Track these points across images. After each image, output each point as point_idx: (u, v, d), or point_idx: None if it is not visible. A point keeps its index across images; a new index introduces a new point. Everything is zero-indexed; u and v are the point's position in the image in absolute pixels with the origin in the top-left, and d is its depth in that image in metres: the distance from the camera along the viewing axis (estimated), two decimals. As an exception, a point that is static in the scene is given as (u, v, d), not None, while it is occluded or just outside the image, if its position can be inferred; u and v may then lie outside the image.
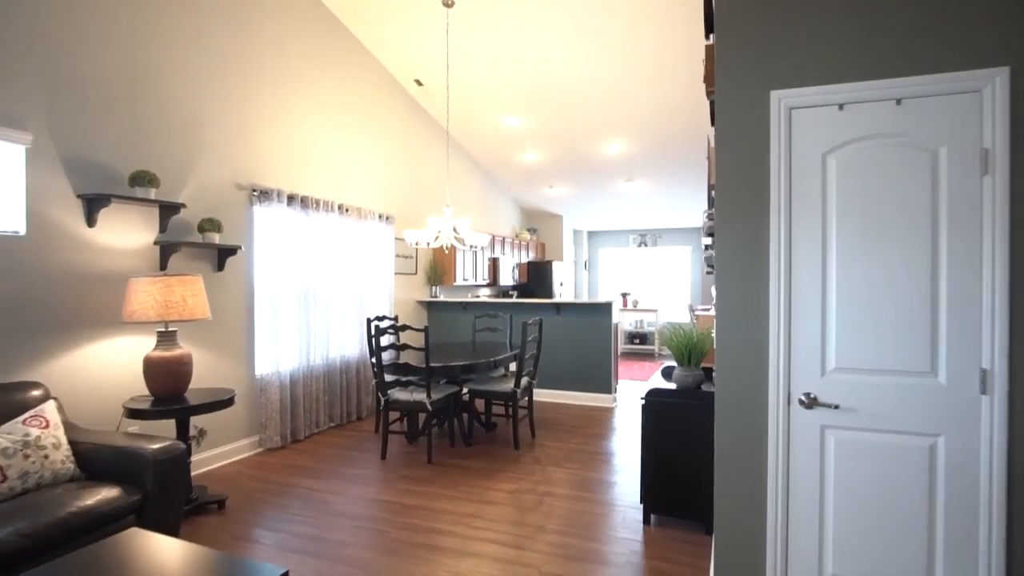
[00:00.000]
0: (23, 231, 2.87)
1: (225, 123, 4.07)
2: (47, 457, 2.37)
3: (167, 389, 3.14)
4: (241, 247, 4.09)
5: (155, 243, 3.52)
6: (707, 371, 3.11)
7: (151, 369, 3.12)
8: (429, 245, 4.97)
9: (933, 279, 1.81)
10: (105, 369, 3.26)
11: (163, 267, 3.55)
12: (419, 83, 6.21)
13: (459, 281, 7.44)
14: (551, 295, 9.51)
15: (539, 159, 7.93)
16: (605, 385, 5.95)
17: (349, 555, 2.72)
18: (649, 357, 10.03)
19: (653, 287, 11.54)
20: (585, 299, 8.58)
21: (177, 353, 3.17)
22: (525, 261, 9.85)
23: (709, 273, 3.16)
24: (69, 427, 2.66)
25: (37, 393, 2.64)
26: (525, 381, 4.49)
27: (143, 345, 3.42)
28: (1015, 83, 1.72)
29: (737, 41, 2.01)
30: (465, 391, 4.78)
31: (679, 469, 2.95)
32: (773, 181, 1.96)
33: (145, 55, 3.49)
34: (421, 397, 4.09)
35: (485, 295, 8.61)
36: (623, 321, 10.70)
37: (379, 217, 5.71)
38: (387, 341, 5.28)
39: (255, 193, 4.25)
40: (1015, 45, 1.72)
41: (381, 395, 4.19)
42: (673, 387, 3.02)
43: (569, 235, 11.28)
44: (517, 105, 6.37)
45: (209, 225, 3.75)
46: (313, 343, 4.77)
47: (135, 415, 2.99)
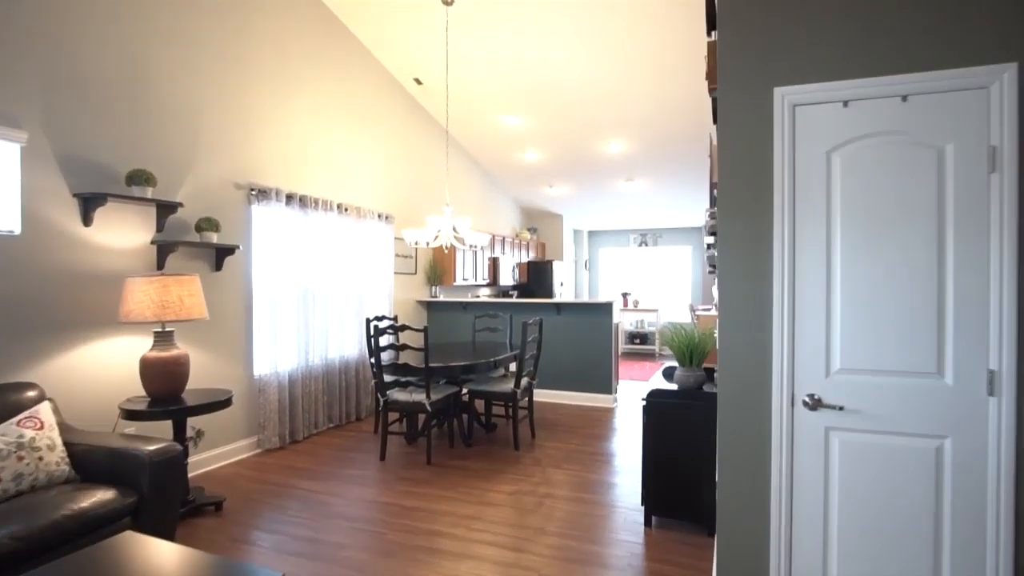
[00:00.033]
0: (18, 230, 2.84)
1: (223, 122, 4.04)
2: (41, 459, 2.35)
3: (164, 390, 3.12)
4: (239, 247, 4.07)
5: (152, 242, 3.50)
6: (708, 371, 3.09)
7: (147, 370, 3.09)
8: (429, 245, 4.94)
9: (940, 278, 1.78)
10: (101, 370, 3.24)
11: (160, 267, 3.52)
12: (419, 82, 6.18)
13: (459, 281, 7.40)
14: (551, 295, 9.48)
15: (539, 158, 7.91)
16: (606, 385, 5.92)
17: (347, 557, 2.69)
18: (650, 357, 10.00)
19: (654, 287, 11.52)
20: (585, 299, 8.56)
21: (174, 353, 3.15)
22: (525, 261, 9.82)
23: (711, 273, 3.14)
24: (64, 428, 2.64)
25: (32, 394, 2.61)
26: (525, 381, 4.47)
27: (139, 345, 3.40)
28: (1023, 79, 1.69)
29: (740, 38, 1.98)
30: (465, 391, 4.76)
31: (680, 470, 2.92)
32: (776, 179, 1.93)
33: (143, 54, 3.46)
34: (420, 398, 4.06)
35: (485, 295, 8.58)
36: (623, 321, 10.68)
37: (378, 216, 5.69)
38: (386, 341, 5.25)
39: (253, 192, 4.22)
40: (1023, 42, 1.69)
41: (380, 396, 4.16)
42: (674, 388, 3.00)
43: (569, 235, 11.26)
44: (517, 104, 6.35)
45: (207, 224, 3.73)
46: (312, 343, 4.74)
47: (131, 416, 2.97)
